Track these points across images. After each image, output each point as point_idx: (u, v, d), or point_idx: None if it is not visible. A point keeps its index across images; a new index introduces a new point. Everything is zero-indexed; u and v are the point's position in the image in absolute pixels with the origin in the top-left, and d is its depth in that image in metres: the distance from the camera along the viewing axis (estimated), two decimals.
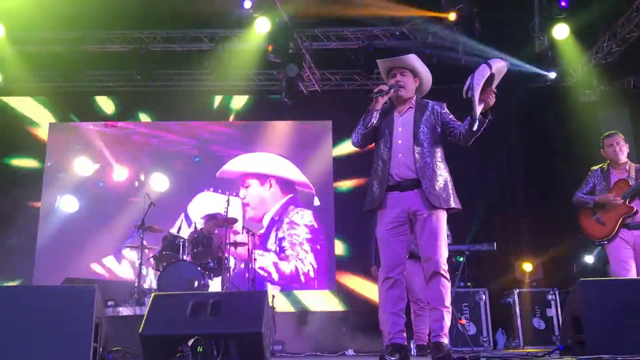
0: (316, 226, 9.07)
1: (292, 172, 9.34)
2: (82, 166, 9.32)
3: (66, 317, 3.16)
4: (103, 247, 8.87)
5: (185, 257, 7.16)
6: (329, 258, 8.98)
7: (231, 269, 7.46)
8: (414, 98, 3.85)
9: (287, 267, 8.91)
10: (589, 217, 4.95)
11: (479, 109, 3.45)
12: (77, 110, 9.58)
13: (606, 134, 5.12)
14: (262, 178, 9.32)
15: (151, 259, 7.48)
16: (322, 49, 8.68)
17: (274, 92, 9.20)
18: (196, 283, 6.65)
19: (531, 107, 8.98)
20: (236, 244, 7.65)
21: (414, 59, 3.83)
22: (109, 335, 5.67)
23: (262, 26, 7.67)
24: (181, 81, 9.41)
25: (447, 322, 3.59)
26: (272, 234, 8.86)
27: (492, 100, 3.49)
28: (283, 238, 8.91)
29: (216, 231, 7.75)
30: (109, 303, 6.56)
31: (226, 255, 7.32)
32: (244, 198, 9.21)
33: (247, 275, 7.68)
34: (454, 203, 3.65)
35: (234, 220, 7.69)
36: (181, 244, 7.24)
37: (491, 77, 3.47)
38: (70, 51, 8.36)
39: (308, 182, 9.26)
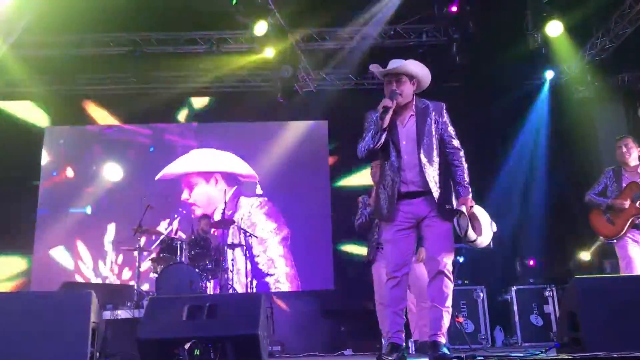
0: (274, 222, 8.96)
1: (235, 165, 9.31)
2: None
3: (63, 323, 3.17)
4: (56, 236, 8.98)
5: (183, 260, 7.16)
6: (326, 257, 8.96)
7: (229, 271, 7.46)
8: (413, 101, 3.80)
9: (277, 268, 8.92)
10: (600, 216, 5.17)
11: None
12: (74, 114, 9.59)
13: (618, 137, 5.33)
14: (206, 175, 9.28)
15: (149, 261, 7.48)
16: (317, 49, 8.68)
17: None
18: (194, 285, 6.65)
19: (526, 104, 9.00)
20: (233, 246, 7.65)
21: (408, 66, 3.75)
22: (107, 338, 5.69)
23: (258, 28, 7.64)
24: (177, 83, 9.42)
25: (446, 322, 3.63)
26: (231, 231, 8.31)
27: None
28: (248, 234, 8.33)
29: (211, 231, 7.76)
30: (108, 306, 6.56)
31: (224, 257, 7.33)
32: (189, 199, 9.14)
33: (245, 276, 7.70)
34: (454, 205, 3.70)
35: (231, 222, 7.70)
36: (178, 246, 7.23)
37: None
38: (64, 55, 8.38)
39: (252, 172, 9.23)
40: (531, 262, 8.08)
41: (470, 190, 3.70)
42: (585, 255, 7.67)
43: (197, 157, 9.35)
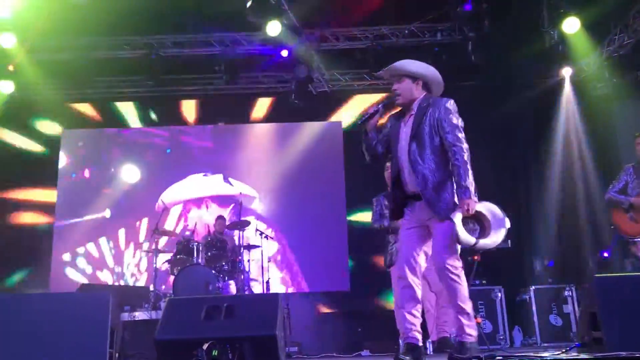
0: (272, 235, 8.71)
1: (222, 187, 9.35)
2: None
3: (82, 324, 3.19)
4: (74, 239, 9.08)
5: (199, 261, 7.18)
6: (341, 258, 8.94)
7: (245, 272, 7.47)
8: (417, 102, 3.76)
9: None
10: (622, 214, 5.14)
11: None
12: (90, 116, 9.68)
13: (637, 133, 5.28)
14: (197, 201, 9.33)
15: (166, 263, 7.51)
16: (331, 50, 8.67)
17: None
18: (211, 286, 6.67)
19: (543, 102, 8.91)
20: (250, 247, 7.66)
21: (402, 65, 3.75)
22: (125, 339, 5.73)
23: (272, 29, 7.63)
24: (192, 85, 9.46)
25: (465, 320, 3.59)
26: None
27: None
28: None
29: (226, 232, 7.79)
30: (125, 308, 6.61)
31: (240, 258, 7.35)
32: (188, 226, 9.08)
33: (261, 277, 7.70)
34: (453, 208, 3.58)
35: (247, 223, 7.71)
36: (195, 247, 7.24)
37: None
38: (81, 58, 8.45)
39: (244, 190, 9.20)
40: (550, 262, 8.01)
41: (470, 190, 3.48)
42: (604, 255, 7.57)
43: (185, 186, 9.39)
